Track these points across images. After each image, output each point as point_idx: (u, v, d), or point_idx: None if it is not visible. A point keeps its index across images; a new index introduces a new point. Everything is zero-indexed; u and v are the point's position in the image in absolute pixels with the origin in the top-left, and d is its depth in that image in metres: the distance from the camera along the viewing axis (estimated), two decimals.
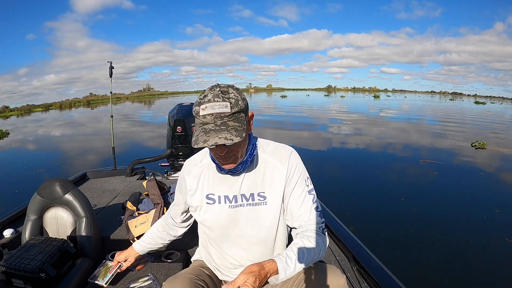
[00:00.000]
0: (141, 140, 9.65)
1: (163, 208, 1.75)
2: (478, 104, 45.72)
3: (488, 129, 12.62)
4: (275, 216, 0.90)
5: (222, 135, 0.74)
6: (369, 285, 1.29)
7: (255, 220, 0.90)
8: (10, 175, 5.96)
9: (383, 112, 21.63)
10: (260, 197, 0.90)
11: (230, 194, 0.91)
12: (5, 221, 1.74)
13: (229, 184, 0.91)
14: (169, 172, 3.06)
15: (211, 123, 0.76)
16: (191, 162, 0.99)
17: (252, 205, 0.90)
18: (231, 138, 0.74)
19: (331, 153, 7.60)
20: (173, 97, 75.02)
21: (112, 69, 3.08)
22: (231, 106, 0.76)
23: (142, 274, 1.43)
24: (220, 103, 0.76)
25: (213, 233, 0.95)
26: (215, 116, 0.76)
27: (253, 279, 0.71)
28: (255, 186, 0.90)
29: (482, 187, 4.94)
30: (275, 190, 0.89)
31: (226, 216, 0.91)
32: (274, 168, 0.90)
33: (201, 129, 0.77)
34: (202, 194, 0.94)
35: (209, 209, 0.93)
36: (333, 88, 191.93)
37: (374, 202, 4.21)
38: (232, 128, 0.76)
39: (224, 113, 0.76)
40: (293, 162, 0.91)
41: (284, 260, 0.78)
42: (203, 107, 0.76)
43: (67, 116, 25.50)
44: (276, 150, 0.93)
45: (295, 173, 0.90)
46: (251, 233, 0.92)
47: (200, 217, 0.96)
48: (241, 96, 0.80)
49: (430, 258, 2.78)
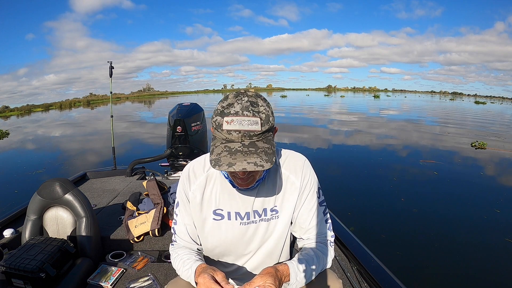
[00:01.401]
0: (141, 140, 9.65)
1: (163, 208, 1.75)
2: (478, 104, 45.73)
3: (488, 129, 12.63)
4: (285, 228, 0.85)
5: (251, 160, 0.64)
6: (369, 285, 1.29)
7: (266, 235, 0.85)
8: (10, 175, 5.96)
9: (383, 112, 21.64)
10: (272, 211, 0.84)
11: (242, 211, 0.83)
12: (5, 221, 1.74)
13: (241, 200, 0.82)
14: (169, 172, 3.07)
15: (237, 142, 0.66)
16: (194, 169, 0.86)
17: (265, 220, 0.84)
18: (261, 164, 0.64)
19: (331, 153, 7.60)
20: (173, 97, 75.05)
21: (112, 69, 3.09)
22: (261, 123, 0.66)
23: (142, 274, 1.43)
24: (250, 118, 0.66)
25: (218, 250, 0.87)
26: (242, 134, 0.66)
27: (272, 279, 0.67)
28: (268, 201, 0.83)
29: (482, 187, 4.93)
30: (288, 203, 0.84)
31: (237, 233, 0.83)
32: (287, 180, 0.84)
33: (225, 147, 0.66)
34: (208, 209, 0.84)
35: (216, 225, 0.84)
36: (333, 88, 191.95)
37: (374, 202, 4.21)
38: (262, 151, 0.66)
39: (254, 131, 0.66)
40: (306, 173, 0.85)
41: (295, 265, 0.75)
42: (228, 120, 0.66)
43: (67, 116, 25.50)
44: (288, 160, 0.86)
45: (307, 184, 0.84)
46: (262, 249, 0.86)
47: (205, 233, 0.86)
48: (271, 110, 0.71)
49: (430, 258, 2.78)
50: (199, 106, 3.24)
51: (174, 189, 1.93)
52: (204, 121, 3.25)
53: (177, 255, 0.84)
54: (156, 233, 1.66)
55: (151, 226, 1.65)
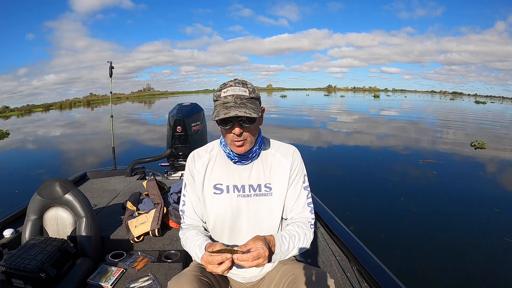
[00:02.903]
0: (141, 140, 9.64)
1: (163, 208, 1.75)
2: (478, 103, 45.69)
3: (487, 129, 12.62)
4: (279, 206, 0.96)
5: (242, 110, 0.82)
6: (369, 285, 1.29)
7: (260, 210, 0.95)
8: (10, 175, 5.96)
9: (383, 111, 21.63)
10: (266, 188, 0.95)
11: (239, 184, 0.95)
12: (5, 221, 1.74)
13: (238, 174, 0.95)
14: (169, 172, 3.07)
15: (231, 102, 0.84)
16: (199, 152, 1.01)
17: (259, 195, 0.95)
18: (250, 113, 0.82)
19: (331, 152, 7.60)
20: (173, 97, 75.02)
21: (112, 69, 3.08)
22: (249, 91, 0.86)
23: (142, 274, 1.43)
24: (240, 88, 0.86)
25: (217, 224, 0.96)
26: (235, 97, 0.84)
27: (262, 243, 0.78)
28: (263, 177, 0.96)
29: (481, 187, 4.94)
30: (281, 182, 0.96)
31: (235, 205, 0.94)
32: (279, 162, 0.97)
33: (222, 105, 0.84)
34: (209, 184, 0.96)
35: (216, 199, 0.95)
36: (333, 88, 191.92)
37: (373, 202, 4.21)
38: (250, 108, 0.84)
39: (244, 95, 0.85)
40: (295, 158, 0.99)
41: (280, 237, 0.86)
42: (225, 91, 0.85)
43: (67, 116, 25.49)
44: (280, 147, 1.01)
45: (296, 168, 0.98)
46: (255, 223, 0.95)
47: (207, 207, 0.97)
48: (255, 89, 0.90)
49: (430, 257, 2.78)
50: (199, 106, 3.24)
51: (174, 189, 1.93)
52: (204, 121, 3.25)
53: (187, 238, 0.95)
54: (156, 233, 1.66)
55: (151, 226, 1.66)
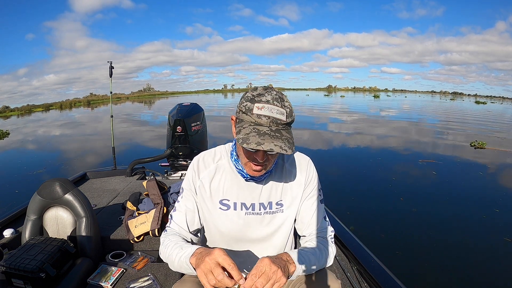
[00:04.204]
0: (141, 140, 9.64)
1: (163, 208, 1.76)
2: (478, 104, 45.69)
3: (487, 129, 12.62)
4: (290, 223, 0.91)
5: (278, 143, 0.69)
6: (369, 285, 1.29)
7: (270, 226, 0.89)
8: (10, 175, 5.96)
9: (383, 111, 21.63)
10: (278, 205, 0.89)
11: (248, 202, 0.87)
12: (5, 221, 1.74)
13: (248, 192, 0.87)
14: (169, 172, 3.07)
15: (265, 126, 0.71)
16: (204, 159, 0.90)
17: (270, 213, 0.89)
18: (285, 149, 0.68)
19: (331, 152, 7.59)
20: (173, 97, 75.03)
21: (112, 69, 3.08)
22: (286, 115, 0.72)
23: (142, 274, 1.43)
24: (279, 108, 0.72)
25: (222, 238, 0.91)
26: (271, 120, 0.71)
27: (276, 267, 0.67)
28: (274, 195, 0.88)
29: (481, 187, 4.94)
30: (293, 198, 0.89)
31: (241, 223, 0.88)
32: (292, 176, 0.90)
33: (254, 129, 0.71)
34: (215, 198, 0.88)
35: (223, 215, 0.88)
36: (334, 88, 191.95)
37: (373, 202, 4.21)
38: (286, 139, 0.71)
39: (281, 120, 0.71)
40: (310, 171, 0.91)
41: (296, 253, 0.78)
42: (259, 106, 0.71)
43: (67, 116, 25.49)
44: (293, 158, 0.92)
45: (311, 182, 0.91)
46: (264, 239, 0.90)
47: (210, 223, 0.90)
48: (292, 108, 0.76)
49: (430, 257, 2.78)
50: (199, 106, 3.24)
51: (174, 189, 1.93)
52: (204, 121, 3.24)
53: (170, 241, 0.84)
54: (156, 233, 1.66)
55: (151, 226, 1.66)
